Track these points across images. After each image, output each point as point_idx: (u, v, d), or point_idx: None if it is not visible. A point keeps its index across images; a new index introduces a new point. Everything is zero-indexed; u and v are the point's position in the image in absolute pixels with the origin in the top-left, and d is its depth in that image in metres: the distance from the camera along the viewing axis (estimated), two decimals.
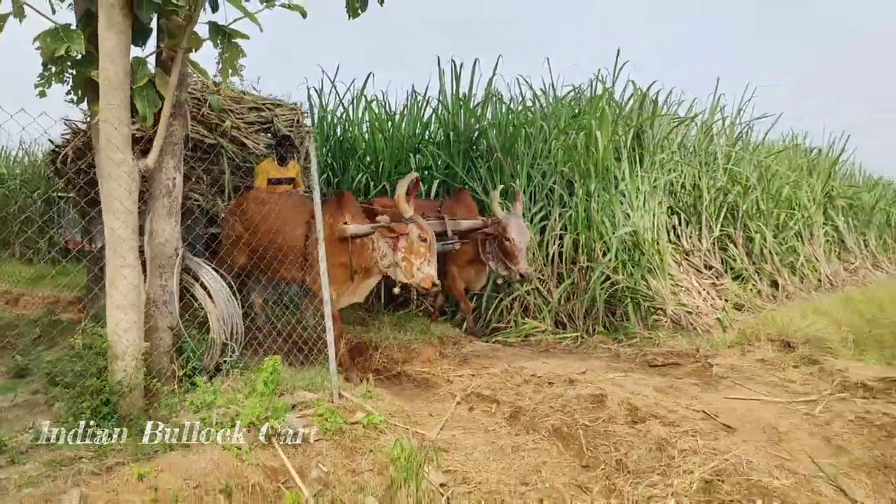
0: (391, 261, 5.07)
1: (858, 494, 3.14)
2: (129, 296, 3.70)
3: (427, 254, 4.99)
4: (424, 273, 4.93)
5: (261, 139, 7.08)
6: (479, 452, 3.70)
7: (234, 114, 6.93)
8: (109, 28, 3.46)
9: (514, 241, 5.91)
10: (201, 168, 6.45)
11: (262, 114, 7.28)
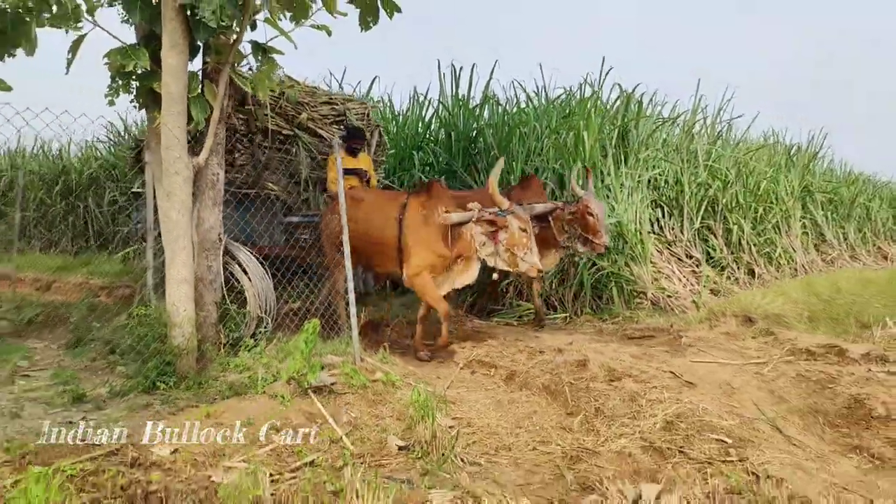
0: (492, 250, 5.19)
1: (791, 432, 3.85)
2: (184, 273, 4.38)
3: (528, 242, 5.09)
4: (529, 262, 5.05)
5: (335, 131, 7.34)
6: (481, 404, 4.40)
7: (309, 107, 7.20)
8: (172, 48, 4.14)
9: (597, 215, 6.10)
10: (278, 158, 6.76)
11: (334, 107, 7.54)
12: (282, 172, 6.95)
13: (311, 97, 7.27)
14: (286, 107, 6.82)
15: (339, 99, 7.63)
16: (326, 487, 2.95)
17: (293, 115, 6.92)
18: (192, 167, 4.39)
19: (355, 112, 7.65)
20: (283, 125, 6.82)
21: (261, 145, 6.69)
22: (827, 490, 3.14)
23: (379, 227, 5.64)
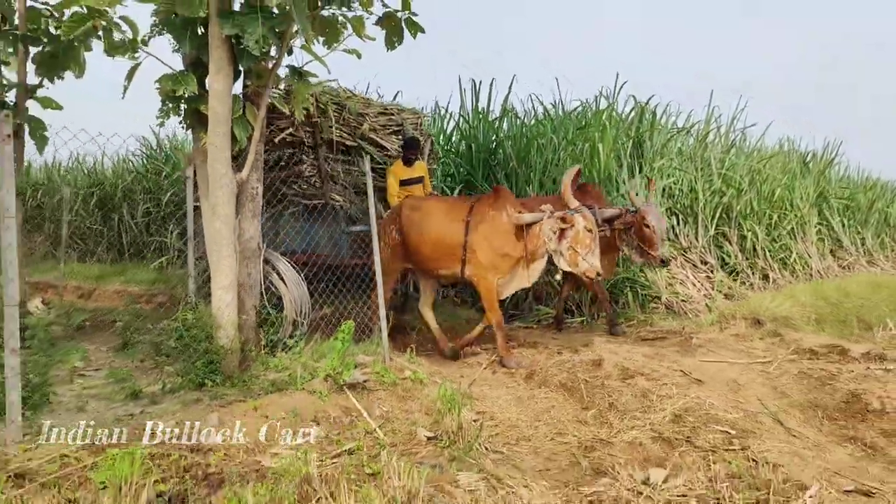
0: (556, 247, 5.33)
1: (791, 424, 4.14)
2: (227, 280, 4.77)
3: (591, 244, 5.22)
4: (589, 263, 5.18)
5: (394, 141, 7.52)
6: (502, 400, 4.74)
7: (369, 117, 7.38)
8: (218, 73, 4.53)
9: (653, 227, 6.01)
10: (342, 169, 6.93)
11: (391, 118, 7.72)
12: (345, 183, 7.10)
13: (368, 108, 7.46)
14: (349, 118, 7.04)
15: (393, 109, 7.82)
16: (365, 470, 3.30)
17: (355, 126, 7.14)
18: (235, 182, 4.77)
19: (410, 122, 7.85)
20: (347, 136, 7.03)
21: (326, 157, 6.87)
22: (820, 474, 3.44)
23: (444, 230, 5.86)
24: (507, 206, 5.63)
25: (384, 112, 7.68)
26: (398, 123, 7.70)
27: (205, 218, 4.90)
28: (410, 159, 7.11)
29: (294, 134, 6.50)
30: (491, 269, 5.63)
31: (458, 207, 5.99)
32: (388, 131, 7.61)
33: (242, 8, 4.52)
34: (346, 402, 4.30)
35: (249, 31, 4.34)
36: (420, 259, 6.01)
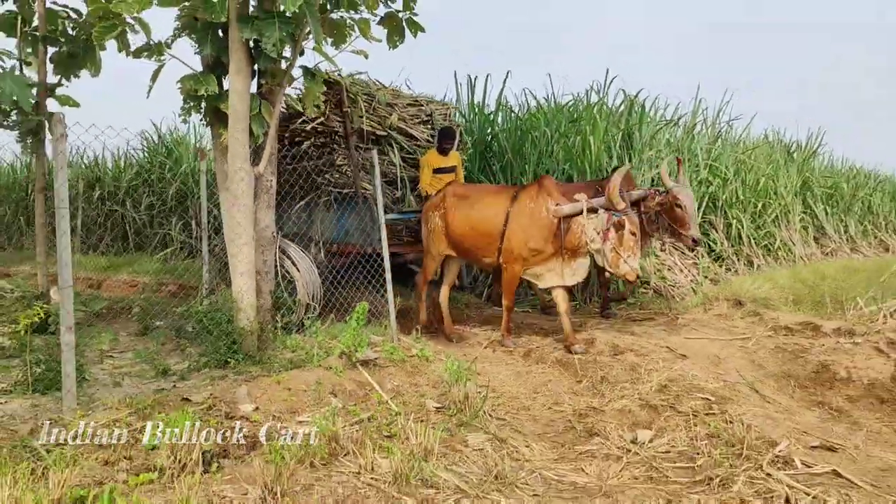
0: (599, 247, 5.34)
1: (766, 392, 4.56)
2: (246, 266, 5.13)
3: (634, 247, 5.22)
4: (630, 266, 5.20)
5: (423, 131, 7.63)
6: (503, 375, 5.13)
7: (399, 108, 7.50)
8: (237, 74, 4.88)
9: (685, 207, 5.98)
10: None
11: (420, 108, 7.84)
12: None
13: (398, 99, 7.61)
14: (378, 108, 7.20)
15: (422, 100, 7.95)
16: (383, 432, 3.68)
17: (385, 115, 7.29)
18: (253, 175, 5.13)
19: (439, 112, 7.99)
20: (377, 126, 7.19)
21: (357, 146, 6.96)
22: (789, 433, 3.85)
23: (487, 219, 5.93)
24: (548, 199, 5.64)
25: (413, 103, 7.80)
26: (427, 114, 7.82)
27: (224, 209, 5.26)
28: (446, 149, 7.20)
29: (325, 123, 6.73)
30: (519, 260, 5.73)
31: (501, 196, 6.03)
32: (417, 121, 7.75)
33: (259, 13, 4.87)
34: (360, 377, 4.68)
35: (267, 34, 4.69)
36: (462, 246, 6.13)
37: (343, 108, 6.69)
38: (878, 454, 3.68)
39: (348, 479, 3.07)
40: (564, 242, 5.53)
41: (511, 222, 5.75)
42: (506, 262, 5.86)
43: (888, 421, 4.11)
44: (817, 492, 3.10)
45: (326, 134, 6.93)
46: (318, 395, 4.30)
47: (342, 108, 6.69)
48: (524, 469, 3.41)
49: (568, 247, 5.56)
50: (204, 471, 3.01)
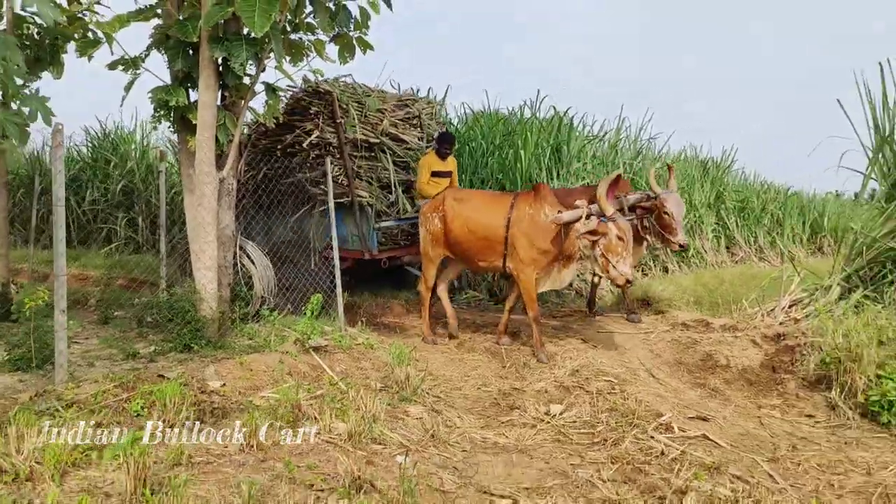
0: (589, 253, 5.51)
1: (660, 376, 5.39)
2: (210, 261, 5.66)
3: (623, 252, 5.29)
4: (619, 271, 5.28)
5: (413, 134, 7.74)
6: (438, 362, 5.82)
7: (388, 112, 7.56)
8: (206, 89, 5.42)
9: (672, 213, 6.13)
10: (366, 166, 7.22)
11: (408, 110, 7.88)
12: (370, 179, 7.37)
13: (384, 101, 7.70)
14: (369, 116, 7.34)
15: (408, 100, 8.05)
16: (336, 404, 4.31)
17: (376, 122, 7.43)
18: (217, 179, 5.67)
19: (426, 111, 8.08)
20: (370, 133, 7.34)
21: (351, 155, 7.15)
22: (673, 407, 4.68)
23: (486, 224, 6.05)
24: (546, 205, 5.81)
25: (400, 104, 7.90)
26: (415, 115, 7.95)
27: (189, 209, 5.77)
28: (444, 153, 7.26)
29: (320, 136, 7.02)
30: (530, 264, 5.85)
31: (500, 202, 6.13)
32: (407, 124, 7.89)
33: (227, 34, 5.42)
34: (312, 361, 5.28)
35: (235, 54, 5.26)
36: (461, 250, 6.26)
37: (336, 120, 6.90)
38: (741, 423, 4.54)
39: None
40: (563, 249, 5.72)
41: (512, 228, 5.90)
42: (516, 269, 5.97)
43: (752, 398, 5.01)
44: (686, 448, 3.90)
45: (322, 145, 7.11)
46: (276, 374, 4.89)
47: (335, 120, 6.91)
48: (455, 433, 4.13)
49: (565, 253, 5.75)
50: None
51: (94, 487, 2.78)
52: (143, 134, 13.27)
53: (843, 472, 3.69)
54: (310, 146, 7.08)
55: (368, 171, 7.36)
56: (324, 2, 5.78)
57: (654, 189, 6.37)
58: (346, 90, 7.36)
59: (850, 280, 6.43)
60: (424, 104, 8.19)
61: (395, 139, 7.65)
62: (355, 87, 7.59)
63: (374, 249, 7.23)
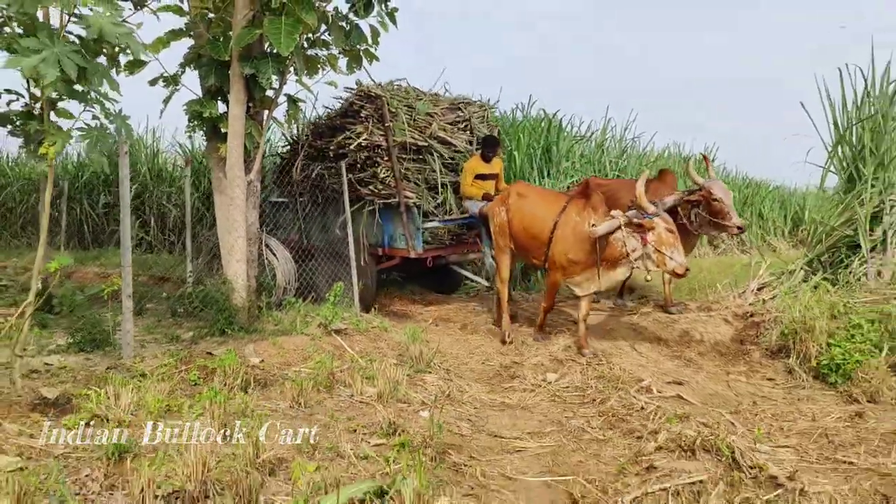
0: (641, 253, 5.50)
1: (642, 349, 6.11)
2: (241, 255, 6.33)
3: (676, 243, 5.36)
4: (678, 261, 5.32)
5: (462, 137, 7.88)
6: (446, 342, 6.51)
7: (438, 116, 7.74)
8: (237, 102, 6.09)
9: (721, 199, 6.12)
10: (415, 168, 7.44)
11: (459, 113, 8.03)
12: (417, 181, 7.52)
13: (436, 105, 7.91)
14: (418, 119, 7.54)
15: (461, 104, 8.22)
16: (363, 374, 5.00)
17: (424, 126, 7.60)
18: (245, 181, 6.35)
19: (477, 115, 8.27)
20: (418, 137, 7.50)
21: (399, 158, 7.33)
22: (652, 374, 5.40)
23: (538, 224, 6.21)
24: (592, 214, 5.84)
25: (452, 107, 8.06)
26: (465, 118, 8.10)
27: (220, 208, 6.44)
28: (489, 156, 7.45)
29: (368, 138, 7.29)
30: (559, 270, 6.06)
31: (554, 204, 6.25)
32: (457, 128, 8.02)
33: (256, 52, 6.09)
34: (335, 342, 5.96)
35: (263, 70, 5.93)
36: (517, 244, 6.51)
37: (385, 123, 7.18)
38: (711, 387, 5.27)
39: (345, 399, 4.40)
40: (605, 255, 5.74)
41: (557, 231, 6.03)
42: (550, 269, 6.24)
43: (722, 366, 5.74)
44: (662, 404, 4.62)
45: (371, 147, 7.33)
46: (306, 352, 5.57)
47: (384, 123, 7.19)
48: (466, 395, 4.84)
49: (608, 258, 5.77)
50: (245, 392, 4.28)
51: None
52: (152, 139, 13.88)
53: (792, 420, 4.42)
54: (358, 148, 7.32)
55: (417, 172, 7.54)
56: (338, 22, 6.47)
57: (697, 180, 6.41)
58: (396, 94, 7.60)
59: (812, 265, 7.18)
60: (476, 108, 8.36)
61: (443, 142, 7.80)
62: (408, 91, 7.84)
63: (420, 248, 7.36)
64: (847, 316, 5.57)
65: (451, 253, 7.89)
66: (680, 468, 3.46)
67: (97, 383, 4.10)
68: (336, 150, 7.61)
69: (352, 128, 7.39)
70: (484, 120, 8.40)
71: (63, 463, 3.02)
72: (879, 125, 7.12)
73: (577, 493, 3.27)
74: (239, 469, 2.89)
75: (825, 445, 3.95)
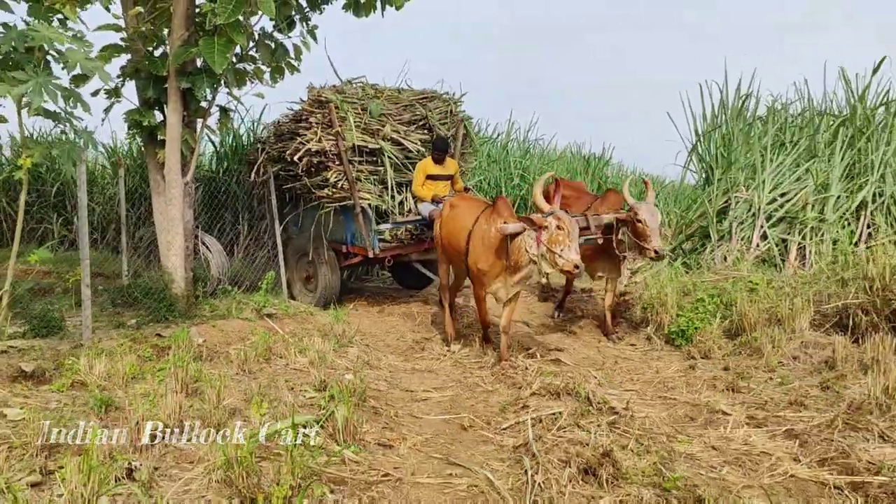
0: (535, 253, 5.45)
1: (533, 325, 7.22)
2: (178, 250, 7.05)
3: (565, 240, 5.22)
4: (565, 258, 5.20)
5: (417, 137, 7.80)
6: (365, 323, 7.45)
7: (392, 117, 7.69)
8: (173, 112, 6.80)
9: (644, 221, 6.15)
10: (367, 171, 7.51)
11: (415, 112, 7.92)
12: (374, 181, 7.61)
13: (396, 103, 7.89)
14: (369, 122, 7.53)
15: (417, 99, 8.09)
16: (297, 348, 5.87)
17: (378, 128, 7.62)
18: (182, 183, 7.06)
19: (439, 111, 8.13)
20: (370, 139, 7.53)
21: (352, 161, 7.42)
22: (539, 344, 6.50)
23: (457, 234, 6.27)
24: (498, 220, 5.73)
25: (409, 105, 7.98)
26: (422, 116, 8.01)
27: (157, 207, 7.12)
28: (439, 157, 7.46)
29: (318, 144, 7.43)
30: (476, 281, 6.08)
31: (470, 214, 6.24)
32: (414, 127, 7.94)
33: (191, 68, 6.81)
34: (267, 325, 6.79)
35: (198, 85, 6.67)
36: (448, 257, 6.66)
37: (333, 129, 7.34)
38: (585, 352, 6.43)
39: (282, 367, 5.28)
40: (511, 260, 5.69)
41: (470, 241, 6.03)
42: (471, 281, 6.29)
43: (596, 336, 6.93)
44: (543, 365, 5.72)
45: (321, 153, 7.47)
46: (242, 333, 6.38)
47: (333, 128, 7.34)
48: (383, 363, 5.82)
49: (513, 264, 5.72)
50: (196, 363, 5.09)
51: (151, 390, 4.26)
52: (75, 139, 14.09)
53: (641, 373, 5.61)
54: (309, 153, 7.51)
55: (371, 174, 7.61)
56: (266, 41, 7.27)
57: (627, 200, 6.47)
58: (350, 97, 7.67)
59: (676, 251, 8.50)
60: (440, 103, 8.27)
61: (396, 143, 7.81)
62: (365, 89, 7.91)
63: (376, 249, 7.51)
64: (695, 293, 6.84)
65: (411, 251, 7.95)
66: (547, 406, 4.54)
67: (69, 357, 4.83)
68: (292, 153, 7.79)
69: (304, 133, 7.60)
70: (447, 115, 8.25)
71: (60, 413, 3.79)
72: (729, 134, 8.50)
73: (466, 424, 4.30)
74: (207, 409, 3.75)
75: (660, 388, 5.13)
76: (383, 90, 8.02)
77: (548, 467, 3.51)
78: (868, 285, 5.58)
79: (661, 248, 6.29)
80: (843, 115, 8.82)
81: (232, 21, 6.22)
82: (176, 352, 5.12)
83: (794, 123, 8.96)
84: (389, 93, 8.00)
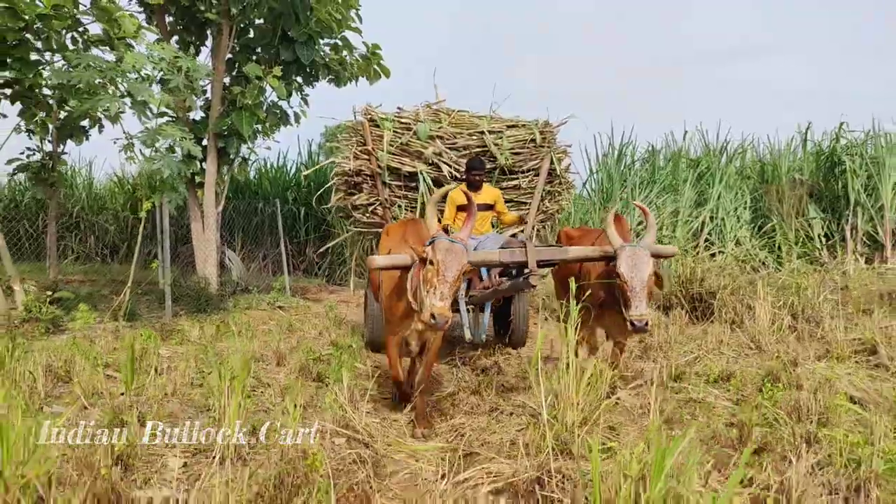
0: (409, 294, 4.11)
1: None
2: (213, 261, 9.76)
3: (434, 280, 3.80)
4: (427, 303, 3.80)
5: (461, 163, 6.88)
6: (348, 314, 10.25)
7: (444, 140, 7.03)
8: (211, 163, 9.53)
9: (622, 275, 4.41)
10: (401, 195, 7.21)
11: (481, 137, 7.17)
12: (411, 207, 7.15)
13: (463, 128, 7.26)
14: (412, 143, 7.02)
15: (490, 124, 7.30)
16: (310, 324, 8.63)
17: (419, 151, 7.05)
18: (216, 213, 9.79)
19: (514, 139, 7.21)
20: (407, 162, 7.03)
21: (386, 183, 7.02)
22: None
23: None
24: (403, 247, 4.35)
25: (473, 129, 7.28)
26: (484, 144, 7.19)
27: (196, 231, 9.83)
28: (473, 182, 6.29)
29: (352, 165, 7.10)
30: (388, 331, 4.67)
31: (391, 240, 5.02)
32: (467, 153, 7.15)
33: (226, 130, 9.54)
34: (279, 315, 9.55)
35: (230, 145, 9.45)
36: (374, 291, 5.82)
37: (366, 147, 7.01)
38: None
39: (300, 337, 8.06)
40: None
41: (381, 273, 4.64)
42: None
43: None
44: None
45: (356, 173, 7.12)
46: (263, 318, 9.14)
47: (365, 146, 7.02)
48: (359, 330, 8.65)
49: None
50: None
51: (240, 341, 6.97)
52: (88, 171, 16.61)
53: None
54: (342, 173, 7.25)
55: (409, 200, 7.23)
56: (273, 110, 10.08)
57: (613, 242, 4.65)
58: (390, 118, 7.24)
59: None
60: (521, 131, 7.37)
61: (437, 168, 7.13)
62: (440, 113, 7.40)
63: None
64: None
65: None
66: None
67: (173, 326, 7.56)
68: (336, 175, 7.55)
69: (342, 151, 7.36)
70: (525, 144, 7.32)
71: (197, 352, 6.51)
72: (611, 172, 11.62)
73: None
74: (275, 346, 6.57)
75: None
76: (451, 113, 7.41)
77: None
78: (679, 280, 8.64)
79: (643, 318, 4.34)
80: (696, 158, 12.02)
81: (256, 102, 9.07)
82: (233, 326, 7.88)
83: (664, 167, 12.09)
84: (459, 118, 7.36)
